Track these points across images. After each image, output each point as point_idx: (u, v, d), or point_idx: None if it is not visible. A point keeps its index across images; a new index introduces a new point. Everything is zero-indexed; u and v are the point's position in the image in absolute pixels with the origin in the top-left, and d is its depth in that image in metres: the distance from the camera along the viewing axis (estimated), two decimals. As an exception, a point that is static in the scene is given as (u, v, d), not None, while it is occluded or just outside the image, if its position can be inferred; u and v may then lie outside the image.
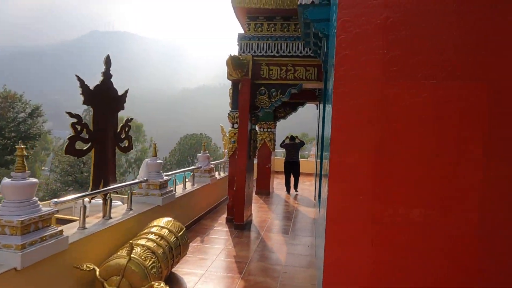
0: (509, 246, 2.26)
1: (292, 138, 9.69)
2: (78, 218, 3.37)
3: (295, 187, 9.86)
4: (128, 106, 4.19)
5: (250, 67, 5.81)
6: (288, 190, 9.73)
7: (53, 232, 2.72)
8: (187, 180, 6.27)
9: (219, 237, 5.42)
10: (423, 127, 2.43)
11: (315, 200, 8.55)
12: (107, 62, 3.72)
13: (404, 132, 2.43)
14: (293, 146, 9.50)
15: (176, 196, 5.18)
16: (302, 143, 9.81)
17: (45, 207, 2.77)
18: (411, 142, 2.41)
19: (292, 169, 9.56)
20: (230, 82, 6.22)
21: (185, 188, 6.00)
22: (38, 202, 2.68)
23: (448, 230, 2.34)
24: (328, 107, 3.22)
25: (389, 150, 2.45)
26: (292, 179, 9.81)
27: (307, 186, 11.28)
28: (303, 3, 3.91)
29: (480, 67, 2.32)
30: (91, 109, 3.60)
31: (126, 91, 4.16)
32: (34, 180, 2.67)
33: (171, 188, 5.15)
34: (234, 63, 5.46)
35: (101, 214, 3.80)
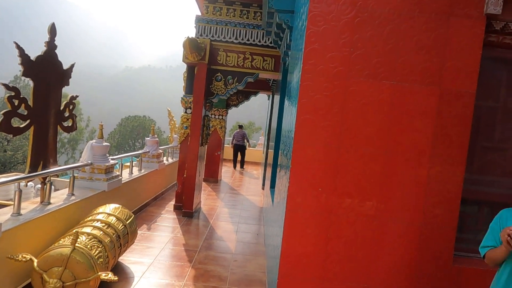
0: (445, 238, 2.51)
1: (240, 126, 12.46)
2: None
3: (242, 165, 12.40)
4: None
5: (207, 52, 5.64)
6: (234, 167, 12.23)
7: (-17, 219, 2.40)
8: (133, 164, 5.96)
9: (167, 224, 5.26)
10: (380, 125, 2.57)
11: (263, 189, 8.70)
12: (52, 31, 3.34)
13: (362, 128, 2.55)
14: (240, 132, 11.93)
15: (122, 182, 4.90)
16: (247, 140, 12.32)
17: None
18: (368, 138, 2.54)
19: (239, 150, 11.97)
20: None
21: (132, 173, 5.70)
22: (-34, 185, 2.34)
23: (395, 222, 2.53)
24: (290, 100, 3.24)
25: (348, 145, 2.56)
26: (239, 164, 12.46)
27: (254, 175, 11.43)
28: (268, -8, 3.86)
29: (433, 73, 2.50)
30: (18, 80, 3.21)
31: (72, 65, 3.78)
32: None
33: (118, 173, 4.85)
34: (191, 45, 5.24)
35: (38, 199, 3.45)
